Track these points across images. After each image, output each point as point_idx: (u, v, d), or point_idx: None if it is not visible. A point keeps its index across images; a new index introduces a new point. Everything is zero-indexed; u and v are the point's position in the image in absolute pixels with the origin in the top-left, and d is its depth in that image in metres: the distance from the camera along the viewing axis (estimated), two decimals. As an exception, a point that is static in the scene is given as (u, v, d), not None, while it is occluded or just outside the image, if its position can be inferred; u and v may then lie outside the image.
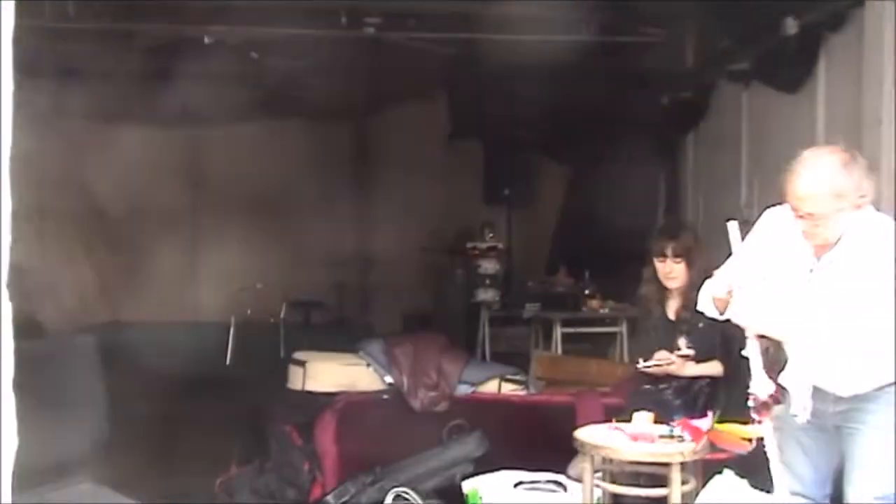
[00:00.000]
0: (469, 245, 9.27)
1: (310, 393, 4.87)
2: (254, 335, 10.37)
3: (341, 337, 10.51)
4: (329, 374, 4.87)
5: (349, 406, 4.79)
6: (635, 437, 3.63)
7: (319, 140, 12.03)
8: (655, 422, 3.74)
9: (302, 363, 4.89)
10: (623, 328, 7.91)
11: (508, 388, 4.97)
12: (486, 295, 8.67)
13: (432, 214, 12.00)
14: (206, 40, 9.17)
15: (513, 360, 8.75)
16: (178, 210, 11.64)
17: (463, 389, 4.88)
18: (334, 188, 11.62)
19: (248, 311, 10.29)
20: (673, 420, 3.75)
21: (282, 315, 10.17)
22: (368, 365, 4.90)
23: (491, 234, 9.05)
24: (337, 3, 8.60)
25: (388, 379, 4.84)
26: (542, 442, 4.66)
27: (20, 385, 2.87)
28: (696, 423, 3.70)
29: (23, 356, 3.22)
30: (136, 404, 7.89)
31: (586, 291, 8.16)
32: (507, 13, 8.72)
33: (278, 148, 11.93)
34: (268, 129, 12.06)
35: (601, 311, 8.02)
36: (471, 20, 9.05)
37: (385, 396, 4.86)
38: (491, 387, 4.96)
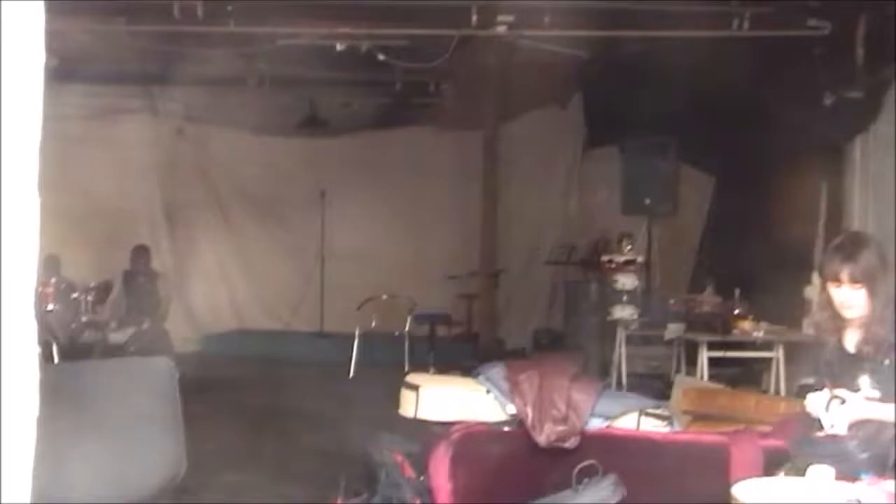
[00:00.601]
0: (605, 258, 8.56)
1: (423, 421, 4.34)
2: (378, 348, 10.03)
3: (468, 351, 10.08)
4: (444, 401, 4.32)
5: (466, 438, 4.23)
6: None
7: (448, 148, 11.61)
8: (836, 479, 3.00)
9: (415, 388, 4.36)
10: (780, 353, 7.05)
11: (649, 424, 4.29)
12: (623, 312, 7.95)
13: (565, 225, 11.38)
14: (339, 47, 8.87)
15: (651, 383, 8.08)
16: (304, 219, 11.42)
17: (595, 423, 4.24)
18: (463, 197, 11.14)
19: (373, 324, 9.93)
20: (859, 479, 3.01)
21: (407, 328, 9.75)
22: (488, 392, 4.32)
23: (630, 247, 8.33)
24: (468, 2, 8.10)
25: (511, 409, 4.25)
26: (687, 490, 3.97)
27: (88, 410, 2.31)
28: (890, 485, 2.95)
29: (94, 378, 2.67)
30: (247, 418, 7.65)
31: (736, 311, 7.32)
32: (648, 7, 8.04)
33: (405, 156, 11.58)
34: (395, 137, 11.73)
35: (754, 333, 7.17)
36: (609, 17, 8.41)
37: (506, 429, 4.27)
38: (628, 421, 4.30)
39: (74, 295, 9.24)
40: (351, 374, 9.66)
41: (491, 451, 4.23)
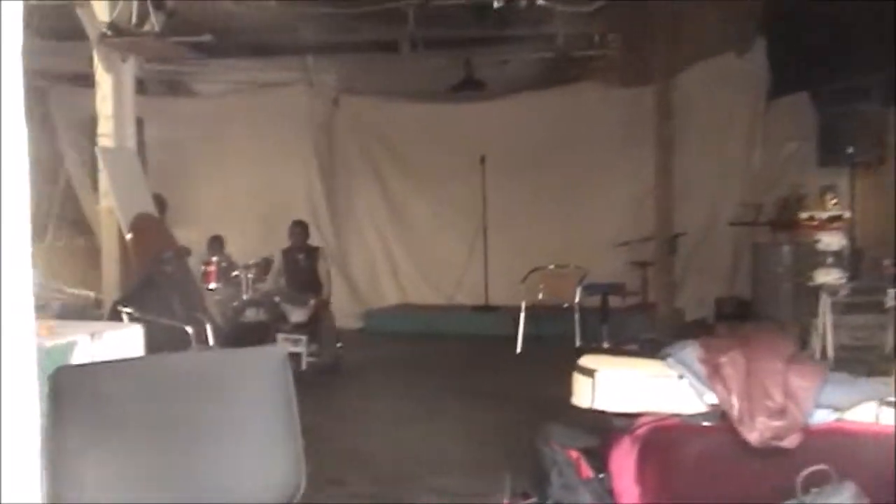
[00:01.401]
0: (804, 215, 7.43)
1: (601, 412, 3.57)
2: (547, 322, 9.31)
3: (644, 324, 9.18)
4: (627, 388, 3.53)
5: (655, 434, 3.44)
6: None
7: (616, 104, 10.64)
8: None
9: (590, 372, 3.58)
10: None
11: (891, 417, 3.34)
12: (828, 276, 6.83)
13: (748, 182, 10.20)
14: (495, 3, 8.13)
15: (863, 357, 6.95)
16: (464, 186, 10.77)
17: (821, 417, 3.33)
18: (635, 157, 10.17)
19: (540, 296, 9.19)
20: None
21: (577, 299, 8.94)
22: (681, 377, 3.49)
23: (834, 201, 7.17)
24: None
25: (710, 398, 3.41)
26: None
27: (181, 411, 2.14)
28: None
29: (197, 373, 2.24)
30: (405, 398, 7.11)
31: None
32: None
33: (569, 116, 10.71)
34: (558, 95, 10.86)
35: None
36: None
37: (706, 423, 3.43)
38: (863, 414, 3.37)
39: (235, 273, 9.01)
40: (518, 350, 8.96)
41: (687, 450, 3.41)
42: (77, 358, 2.74)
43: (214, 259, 9.04)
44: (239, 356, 2.47)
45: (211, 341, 6.41)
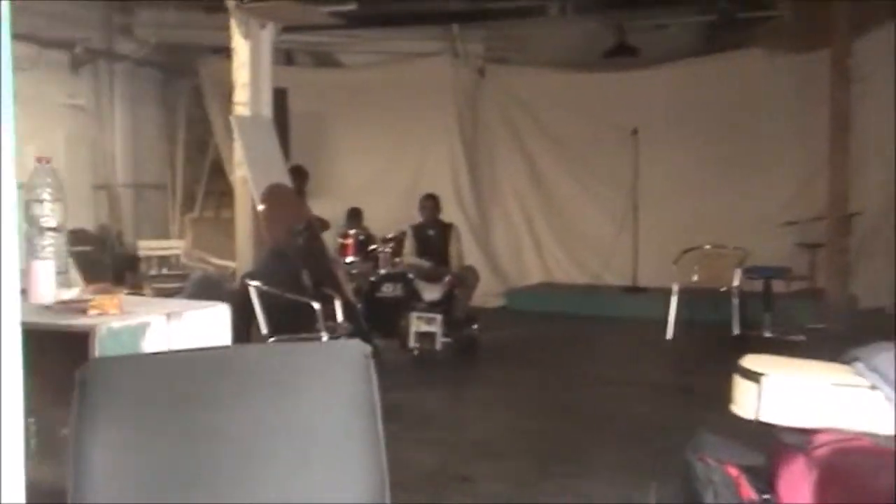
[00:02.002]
0: None
1: (767, 424, 2.92)
2: (701, 307, 8.52)
3: (811, 312, 8.26)
4: (802, 399, 2.86)
5: (840, 456, 2.77)
6: None
7: (785, 72, 9.61)
8: None
9: (756, 377, 2.93)
10: None
11: None
12: None
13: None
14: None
15: None
16: (614, 160, 10.05)
17: None
18: (805, 129, 9.16)
19: (695, 278, 8.40)
20: None
21: (735, 283, 8.09)
22: (873, 388, 2.79)
23: None
24: None
25: (913, 417, 2.70)
26: None
27: (242, 414, 1.81)
28: None
29: (257, 370, 1.82)
30: (546, 387, 6.57)
31: None
32: None
33: (733, 85, 9.78)
34: (720, 63, 9.92)
35: None
36: None
37: (905, 446, 2.73)
38: None
39: (373, 247, 8.69)
40: (668, 335, 8.23)
41: (881, 481, 2.71)
42: (149, 342, 2.36)
43: (352, 232, 8.73)
44: (310, 351, 2.01)
45: (339, 317, 6.07)
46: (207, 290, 7.34)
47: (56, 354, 2.34)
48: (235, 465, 1.72)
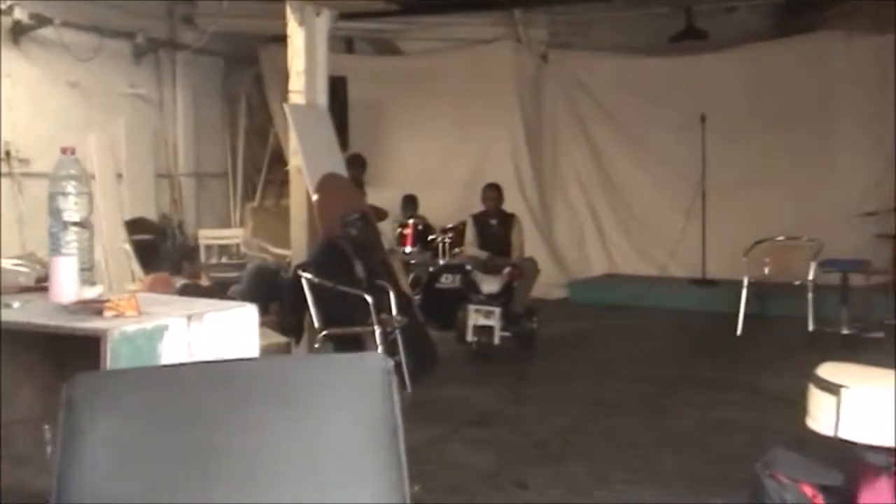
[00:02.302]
0: None
1: (847, 442, 2.63)
2: (773, 301, 8.14)
3: (892, 306, 7.74)
4: (887, 414, 2.55)
5: (929, 479, 2.47)
6: None
7: (862, 55, 9.08)
8: None
9: (834, 389, 2.63)
10: None
11: None
12: None
13: None
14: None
15: None
16: (681, 148, 9.67)
17: None
18: (885, 114, 8.63)
19: (766, 271, 7.98)
20: None
21: (810, 277, 7.66)
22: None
23: None
24: None
25: None
26: None
27: (243, 434, 1.64)
28: None
29: (261, 385, 1.66)
30: (605, 386, 6.26)
31: None
32: None
33: (805, 69, 9.31)
34: (792, 46, 9.45)
35: None
36: None
37: None
38: None
39: (432, 237, 8.50)
40: (738, 331, 7.84)
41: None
42: (167, 346, 2.18)
43: (411, 221, 8.56)
44: (323, 364, 1.80)
45: (394, 310, 5.88)
46: (263, 280, 7.24)
47: (78, 358, 2.18)
48: (236, 491, 1.52)
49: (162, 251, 8.74)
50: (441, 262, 8.33)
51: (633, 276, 10.13)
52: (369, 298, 5.44)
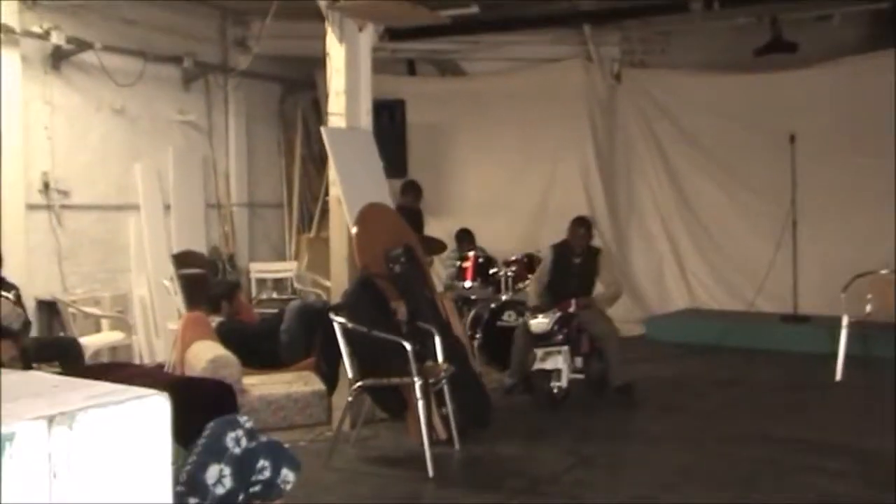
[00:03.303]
0: None
1: None
2: (877, 341, 7.12)
3: None
4: None
5: None
6: None
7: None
8: None
9: None
10: None
11: None
12: None
13: None
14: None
15: None
16: (768, 171, 8.69)
17: None
18: None
19: (868, 308, 6.94)
20: None
21: (919, 316, 6.60)
22: None
23: None
24: None
25: None
26: None
27: None
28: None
29: None
30: (689, 442, 5.29)
31: None
32: None
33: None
34: (888, 62, 8.34)
35: None
36: None
37: None
38: None
39: (494, 270, 7.70)
40: (838, 376, 6.80)
41: None
42: (14, 463, 1.43)
43: (471, 254, 7.78)
44: None
45: (439, 353, 5.09)
46: (306, 320, 6.55)
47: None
48: None
49: (210, 286, 8.17)
50: (503, 297, 7.55)
51: (716, 312, 9.13)
52: (408, 345, 4.67)
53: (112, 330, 6.96)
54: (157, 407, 1.68)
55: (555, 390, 6.07)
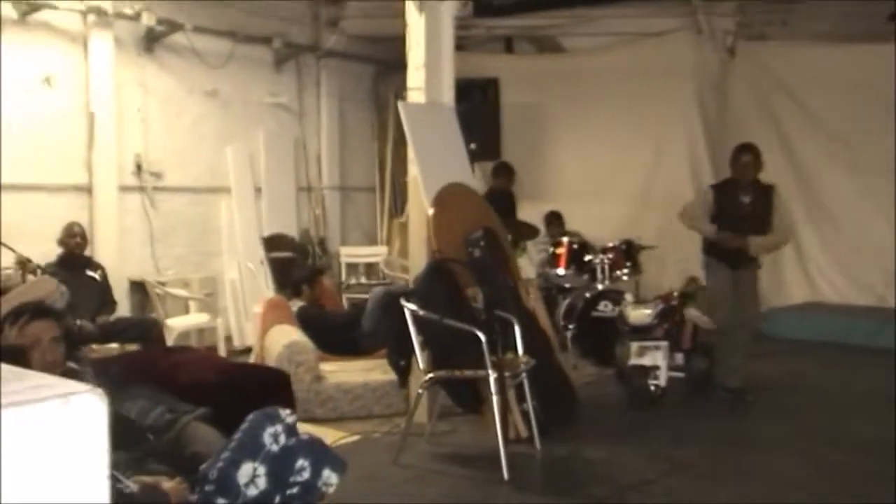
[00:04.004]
0: None
1: None
2: None
3: None
4: None
5: None
6: None
7: None
8: None
9: None
10: None
11: None
12: None
13: None
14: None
15: None
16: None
17: None
18: None
19: None
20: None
21: None
22: None
23: None
24: None
25: None
26: None
27: None
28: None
29: None
30: (789, 457, 4.68)
31: None
32: None
33: None
34: None
35: None
36: None
37: None
38: None
39: (588, 257, 7.22)
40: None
41: None
42: None
43: (565, 240, 7.32)
44: None
45: (519, 345, 4.69)
46: (389, 306, 6.25)
47: None
48: None
49: (301, 270, 8.02)
50: (599, 286, 7.06)
51: (839, 307, 8.32)
52: (482, 335, 4.28)
53: (199, 312, 6.87)
54: (87, 405, 1.37)
55: (651, 388, 5.59)
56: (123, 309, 7.02)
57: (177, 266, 7.54)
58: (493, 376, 4.30)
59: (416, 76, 5.40)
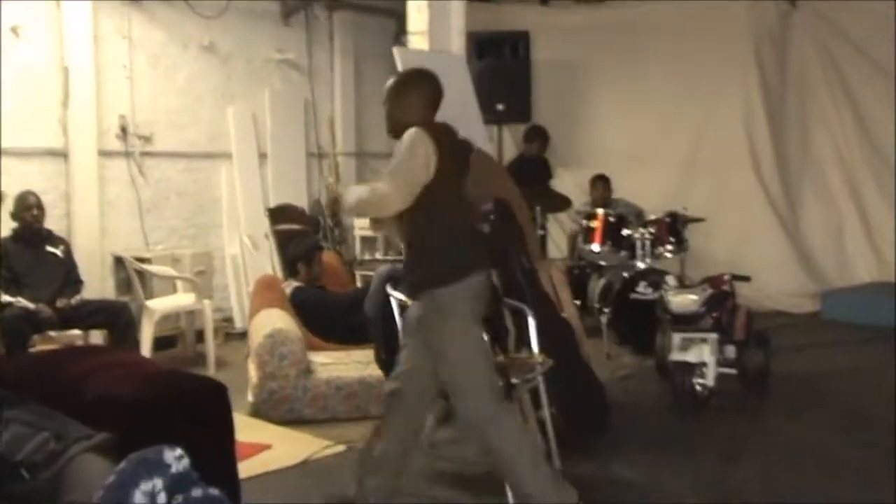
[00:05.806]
0: None
1: None
2: None
3: None
4: None
5: None
6: None
7: None
8: None
9: None
10: None
11: None
12: None
13: None
14: None
15: None
16: None
17: None
18: None
19: None
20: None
21: None
22: None
23: None
24: None
25: None
26: None
27: None
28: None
29: None
30: (856, 475, 3.70)
31: None
32: None
33: None
34: None
35: None
36: None
37: None
38: None
39: (627, 232, 6.26)
40: None
41: None
42: None
43: (600, 212, 6.36)
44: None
45: (533, 340, 3.78)
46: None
47: None
48: None
49: (312, 243, 7.21)
50: (640, 264, 6.12)
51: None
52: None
53: (186, 292, 6.07)
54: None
55: (697, 389, 4.65)
56: (108, 289, 6.27)
57: (170, 240, 6.76)
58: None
59: (417, 18, 4.48)
